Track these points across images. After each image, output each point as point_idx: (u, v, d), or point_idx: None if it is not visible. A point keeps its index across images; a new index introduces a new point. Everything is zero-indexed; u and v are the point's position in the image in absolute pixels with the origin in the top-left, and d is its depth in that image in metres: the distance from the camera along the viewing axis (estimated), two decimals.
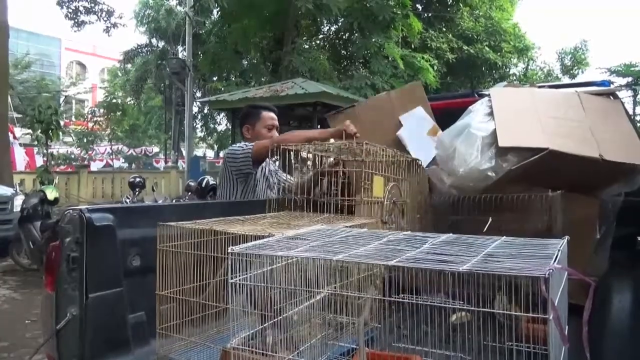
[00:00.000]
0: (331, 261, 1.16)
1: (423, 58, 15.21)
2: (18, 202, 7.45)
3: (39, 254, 6.35)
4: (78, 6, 17.16)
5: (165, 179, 17.33)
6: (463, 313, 1.82)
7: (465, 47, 17.53)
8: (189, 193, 8.29)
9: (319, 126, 11.77)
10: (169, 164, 23.10)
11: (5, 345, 4.27)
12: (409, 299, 1.55)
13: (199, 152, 26.77)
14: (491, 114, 2.31)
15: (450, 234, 1.32)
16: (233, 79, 18.98)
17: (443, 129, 2.59)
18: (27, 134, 24.14)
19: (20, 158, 18.86)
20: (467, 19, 18.35)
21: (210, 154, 30.10)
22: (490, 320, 1.34)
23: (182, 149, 22.99)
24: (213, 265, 1.89)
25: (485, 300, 1.27)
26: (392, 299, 1.29)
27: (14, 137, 18.18)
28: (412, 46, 15.90)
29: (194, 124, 22.78)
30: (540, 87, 2.96)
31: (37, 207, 6.81)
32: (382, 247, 1.19)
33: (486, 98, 2.45)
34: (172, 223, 1.84)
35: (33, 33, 32.26)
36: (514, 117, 2.23)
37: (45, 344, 1.75)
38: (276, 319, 1.43)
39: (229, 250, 1.24)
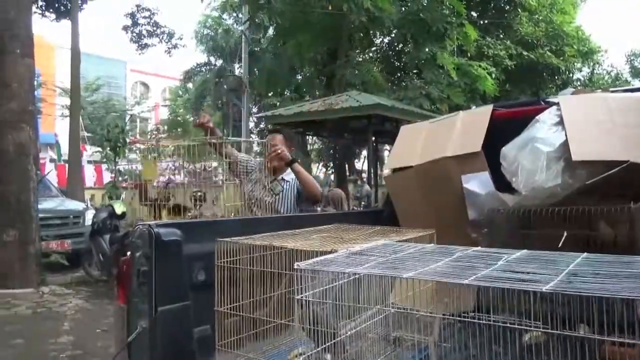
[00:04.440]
0: (400, 279, 1.13)
1: (480, 66, 14.84)
2: (89, 216, 7.88)
3: (108, 266, 6.67)
4: (141, 30, 18.12)
5: (225, 192, 17.75)
6: (536, 333, 1.72)
7: (524, 53, 16.95)
8: None
9: (373, 138, 11.74)
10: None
11: (79, 354, 4.48)
12: (479, 318, 1.48)
13: None
14: (559, 124, 2.20)
15: (524, 251, 1.25)
16: (288, 94, 19.29)
17: (507, 140, 2.48)
18: (97, 151, 25.61)
19: (89, 175, 19.94)
20: (526, 24, 17.75)
21: None
22: (568, 342, 1.26)
23: None
24: (273, 281, 1.89)
25: (566, 321, 1.19)
26: (463, 318, 1.24)
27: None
28: (469, 55, 15.56)
29: (251, 139, 23.26)
30: (613, 92, 2.78)
31: (106, 221, 7.16)
32: (453, 265, 1.14)
33: (554, 107, 2.33)
34: (229, 239, 1.87)
35: (101, 57, 34.25)
36: (587, 127, 2.10)
37: (117, 355, 1.81)
38: (341, 336, 1.41)
39: (295, 266, 1.23)
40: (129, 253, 1.85)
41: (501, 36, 17.40)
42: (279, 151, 3.12)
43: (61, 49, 25.68)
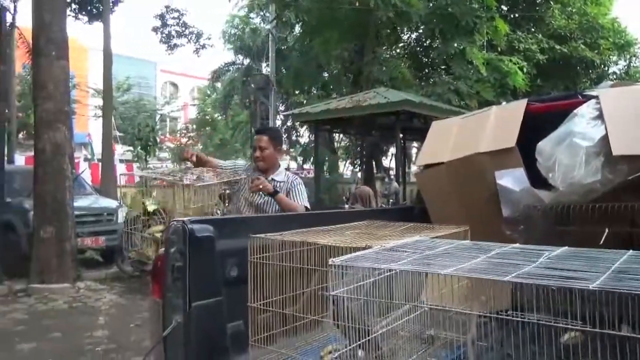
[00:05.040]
0: (439, 275, 1.11)
1: (511, 61, 14.54)
2: (122, 214, 8.05)
3: (140, 263, 6.80)
4: (170, 31, 18.41)
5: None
6: (575, 333, 1.67)
7: (557, 47, 16.51)
8: None
9: (401, 135, 11.64)
10: None
11: (113, 347, 4.59)
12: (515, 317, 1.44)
13: (283, 164, 27.40)
14: (598, 117, 2.13)
15: (566, 248, 1.21)
16: (315, 91, 19.31)
17: (543, 136, 2.42)
18: (128, 150, 26.19)
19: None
20: (559, 16, 17.28)
21: (293, 165, 30.78)
22: (608, 342, 1.22)
23: None
24: (306, 277, 1.89)
25: (606, 321, 1.15)
26: (502, 316, 1.21)
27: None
28: (499, 49, 15.26)
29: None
30: None
31: (139, 219, 7.30)
32: (492, 261, 1.11)
33: (592, 100, 2.26)
34: (262, 235, 1.87)
35: (132, 58, 34.97)
36: (628, 121, 2.02)
37: (153, 349, 1.84)
38: (375, 334, 1.40)
39: (330, 262, 1.23)
40: (163, 249, 1.87)
41: (532, 30, 16.98)
42: (260, 185, 3.00)
43: (94, 51, 26.30)
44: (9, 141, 11.57)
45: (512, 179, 2.47)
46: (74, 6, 15.33)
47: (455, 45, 14.16)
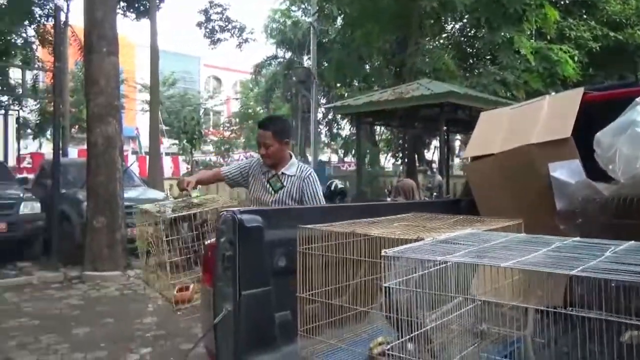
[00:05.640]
0: (498, 268, 1.08)
1: (561, 49, 13.97)
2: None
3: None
4: (214, 26, 18.73)
5: None
6: (638, 332, 1.60)
7: (611, 34, 15.72)
8: None
9: (444, 128, 11.43)
10: None
11: (162, 334, 4.75)
12: (578, 312, 1.38)
13: (323, 157, 27.52)
14: None
15: (632, 242, 1.15)
16: (356, 84, 19.21)
17: (601, 126, 2.31)
18: (174, 144, 26.90)
19: (167, 166, 20.99)
20: (614, 2, 16.44)
21: (334, 158, 30.81)
22: None
23: (308, 155, 23.80)
24: (354, 268, 1.89)
25: None
26: (560, 310, 1.16)
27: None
28: (548, 37, 14.69)
29: (319, 130, 23.47)
30: None
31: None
32: (553, 255, 1.07)
33: None
34: (311, 226, 1.88)
35: (177, 53, 35.80)
36: None
37: (204, 336, 1.88)
38: (427, 327, 1.37)
39: (383, 253, 1.22)
40: (213, 238, 1.91)
41: (584, 16, 16.24)
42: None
43: (140, 48, 27.09)
44: (62, 135, 12.10)
45: (567, 171, 2.38)
46: (122, 4, 15.83)
47: (502, 34, 13.72)
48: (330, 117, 24.66)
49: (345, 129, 25.02)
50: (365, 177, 14.41)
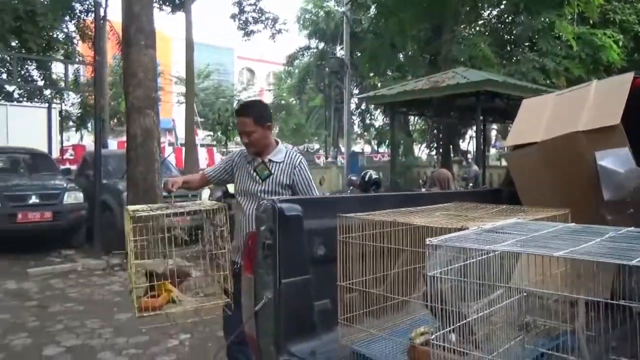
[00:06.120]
0: (549, 258, 1.05)
1: (605, 34, 13.41)
2: (205, 195, 8.42)
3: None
4: (247, 17, 18.81)
5: (326, 174, 18.11)
6: None
7: None
8: (351, 187, 8.51)
9: (481, 118, 11.17)
10: (329, 159, 24.09)
11: (201, 321, 4.84)
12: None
13: (356, 148, 27.43)
14: None
15: None
16: (390, 73, 18.99)
17: None
18: (208, 135, 27.32)
19: (202, 157, 21.34)
20: None
21: (368, 149, 30.68)
22: None
23: (341, 145, 23.77)
24: (394, 257, 1.87)
25: None
26: (616, 302, 1.12)
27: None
28: (591, 22, 14.12)
29: (352, 121, 23.37)
30: None
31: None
32: (608, 245, 1.03)
33: None
34: (352, 215, 1.87)
35: (211, 45, 36.24)
36: None
37: (246, 323, 1.91)
38: (471, 317, 1.35)
39: (427, 242, 1.20)
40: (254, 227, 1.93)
41: None
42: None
43: (176, 41, 27.53)
44: (102, 127, 12.44)
45: (615, 160, 2.29)
46: None
47: (542, 19, 13.27)
48: (363, 107, 24.53)
49: (379, 119, 24.85)
50: (399, 168, 14.26)
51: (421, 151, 25.01)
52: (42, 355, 4.06)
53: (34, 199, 7.84)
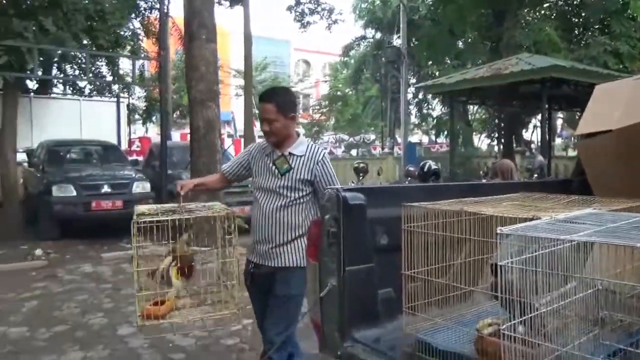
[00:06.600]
0: (632, 249, 1.01)
1: None
2: None
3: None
4: (304, 9, 18.90)
5: (383, 165, 17.98)
6: None
7: None
8: (409, 178, 8.41)
9: (546, 106, 10.68)
10: (385, 150, 23.90)
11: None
12: None
13: (413, 139, 27.03)
14: None
15: None
16: (449, 62, 18.52)
17: None
18: None
19: None
20: None
21: (425, 139, 30.16)
22: None
23: (397, 136, 23.50)
24: (458, 247, 1.85)
25: None
26: None
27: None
28: None
29: (409, 111, 23.02)
30: None
31: None
32: None
33: None
34: (417, 204, 1.86)
35: (268, 38, 36.72)
36: None
37: (311, 309, 1.96)
38: (543, 309, 1.32)
39: (498, 231, 1.18)
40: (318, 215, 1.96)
41: None
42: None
43: (234, 34, 28.10)
44: (166, 120, 12.97)
45: None
46: None
47: None
48: (420, 97, 24.09)
49: (437, 109, 24.33)
50: (458, 158, 13.93)
51: (481, 141, 24.28)
52: (116, 334, 4.32)
53: (106, 189, 8.32)
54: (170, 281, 2.51)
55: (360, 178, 9.07)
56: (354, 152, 28.00)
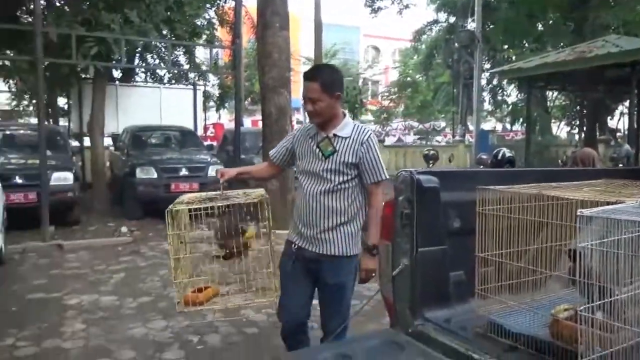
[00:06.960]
0: None
1: None
2: None
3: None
4: None
5: (454, 152, 17.55)
6: None
7: None
8: (481, 166, 8.18)
9: (636, 91, 9.95)
10: (456, 137, 23.26)
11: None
12: None
13: (486, 126, 26.09)
14: None
15: None
16: (527, 45, 17.65)
17: None
18: None
19: None
20: None
21: (499, 127, 29.03)
22: None
23: (469, 124, 22.79)
24: (534, 231, 1.83)
25: None
26: None
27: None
28: None
29: (482, 97, 22.22)
30: None
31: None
32: None
33: None
34: (492, 187, 1.85)
35: (337, 25, 36.63)
36: None
37: (383, 288, 2.02)
38: (625, 294, 1.30)
39: (578, 213, 1.17)
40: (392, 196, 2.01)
41: None
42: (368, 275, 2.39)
43: (304, 21, 28.35)
44: (240, 107, 13.39)
45: None
46: None
47: None
48: (494, 82, 23.13)
49: (512, 95, 23.29)
50: (534, 147, 13.30)
51: (560, 129, 23.00)
52: None
53: (184, 171, 8.79)
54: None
55: (430, 165, 8.94)
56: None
